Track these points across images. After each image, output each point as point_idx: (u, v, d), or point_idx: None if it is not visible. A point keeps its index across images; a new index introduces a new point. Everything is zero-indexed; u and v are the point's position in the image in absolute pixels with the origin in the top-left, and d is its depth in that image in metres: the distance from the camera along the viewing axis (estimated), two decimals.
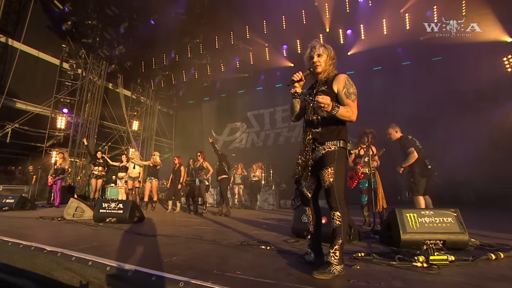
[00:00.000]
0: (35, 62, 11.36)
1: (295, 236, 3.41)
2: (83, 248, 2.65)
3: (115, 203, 4.44)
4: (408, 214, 2.74)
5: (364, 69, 11.14)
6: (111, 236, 3.36)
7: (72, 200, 4.84)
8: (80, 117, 12.21)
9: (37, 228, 4.06)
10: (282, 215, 6.77)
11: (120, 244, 2.92)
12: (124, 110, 14.11)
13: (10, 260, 2.78)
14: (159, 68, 14.02)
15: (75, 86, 12.17)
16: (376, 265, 2.14)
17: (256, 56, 12.43)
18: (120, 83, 14.16)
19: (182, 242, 3.09)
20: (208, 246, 2.85)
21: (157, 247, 2.78)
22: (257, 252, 2.61)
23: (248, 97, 14.49)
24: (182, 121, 16.88)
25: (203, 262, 2.25)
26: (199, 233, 3.70)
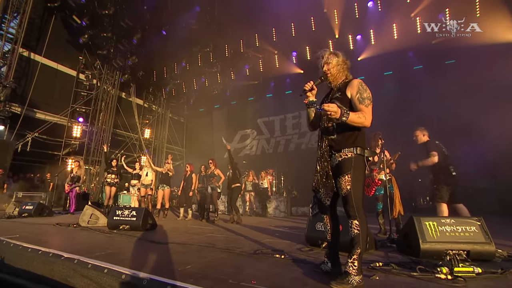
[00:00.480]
0: (54, 74, 11.87)
1: (309, 245, 3.34)
2: (98, 255, 2.69)
3: (128, 211, 4.49)
4: (427, 223, 2.64)
5: (374, 74, 11.01)
6: (125, 244, 3.40)
7: (87, 207, 4.94)
8: (94, 125, 12.59)
9: (55, 234, 4.16)
10: (294, 222, 6.68)
11: (134, 252, 2.94)
12: (137, 119, 14.45)
13: (29, 266, 2.85)
14: (170, 77, 14.34)
15: (90, 96, 12.60)
16: (396, 275, 2.06)
17: (266, 63, 12.53)
18: (132, 92, 14.56)
19: (195, 250, 3.08)
20: (222, 255, 2.83)
21: (171, 255, 2.78)
22: (271, 261, 2.57)
23: (258, 104, 14.57)
24: (193, 128, 17.11)
25: (217, 271, 2.23)
26: (212, 241, 3.69)
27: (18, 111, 10.22)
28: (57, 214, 7.27)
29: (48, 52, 11.31)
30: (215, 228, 5.23)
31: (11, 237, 3.64)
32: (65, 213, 7.71)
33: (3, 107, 9.39)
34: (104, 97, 13.11)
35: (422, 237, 2.56)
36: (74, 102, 12.27)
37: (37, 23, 11.25)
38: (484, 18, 7.62)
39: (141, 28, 12.00)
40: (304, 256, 2.81)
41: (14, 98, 10.11)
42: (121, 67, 13.36)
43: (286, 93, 13.63)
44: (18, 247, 3.11)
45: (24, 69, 10.75)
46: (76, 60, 12.63)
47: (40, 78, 10.92)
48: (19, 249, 3.07)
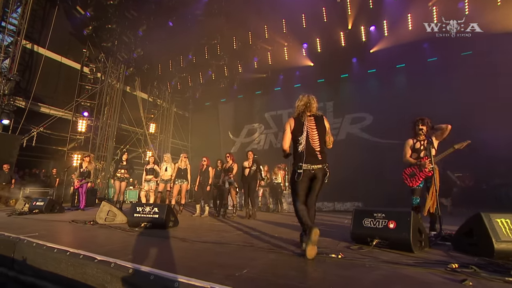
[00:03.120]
0: (58, 67, 11.41)
1: (355, 243, 3.07)
2: (133, 258, 2.40)
3: (149, 207, 4.17)
4: (499, 220, 2.38)
5: (387, 66, 10.74)
6: (157, 244, 3.11)
7: (104, 204, 4.65)
8: (99, 120, 12.20)
9: (74, 232, 3.86)
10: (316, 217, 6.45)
11: (174, 254, 2.65)
12: (142, 113, 14.06)
13: (57, 269, 2.56)
14: (176, 70, 13.92)
15: (94, 90, 12.17)
16: (489, 280, 1.80)
17: (275, 56, 12.16)
18: (137, 86, 14.13)
19: (236, 250, 2.81)
20: (270, 255, 2.56)
21: (216, 257, 2.50)
22: (331, 262, 2.30)
23: (266, 97, 14.23)
24: (198, 123, 16.75)
25: (282, 277, 1.95)
26: (246, 239, 3.42)
27: (23, 105, 9.80)
28: (67, 210, 6.98)
29: (51, 45, 10.84)
30: (238, 225, 4.95)
31: (30, 235, 3.35)
32: (75, 209, 7.41)
33: (8, 101, 8.98)
34: (108, 91, 12.69)
35: (495, 236, 2.30)
36: (78, 96, 11.85)
37: (40, 14, 10.74)
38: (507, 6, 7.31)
39: (146, 20, 11.52)
40: (360, 255, 2.55)
41: (18, 92, 9.69)
42: (125, 60, 12.91)
43: (295, 86, 13.26)
44: (42, 247, 2.82)
45: (27, 62, 10.29)
46: (80, 52, 12.16)
47: (44, 71, 10.48)
48: (43, 250, 2.77)
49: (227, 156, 6.45)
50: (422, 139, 3.89)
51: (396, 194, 9.15)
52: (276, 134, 13.97)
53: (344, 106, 11.93)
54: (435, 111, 9.55)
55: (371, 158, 10.16)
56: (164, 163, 6.79)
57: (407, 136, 9.69)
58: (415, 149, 3.97)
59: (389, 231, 2.85)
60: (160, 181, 6.74)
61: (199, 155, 12.76)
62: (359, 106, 11.47)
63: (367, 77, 11.33)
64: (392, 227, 2.88)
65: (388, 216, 2.94)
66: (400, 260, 2.34)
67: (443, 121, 9.42)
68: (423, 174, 3.81)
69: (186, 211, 8.12)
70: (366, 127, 11.26)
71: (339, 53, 11.03)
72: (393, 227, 2.87)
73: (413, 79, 10.08)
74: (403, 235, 2.75)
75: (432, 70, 9.44)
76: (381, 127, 10.78)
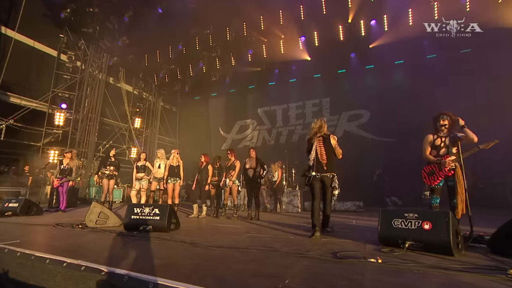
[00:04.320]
0: (30, 53, 10.49)
1: (383, 244, 2.90)
2: (148, 268, 2.07)
3: (149, 208, 3.81)
4: None
5: (385, 63, 10.80)
6: (168, 250, 2.79)
7: (95, 205, 4.22)
8: (79, 113, 11.40)
9: (64, 238, 3.42)
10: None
11: (192, 262, 2.33)
12: (126, 107, 13.33)
13: (51, 283, 2.18)
14: (164, 61, 13.30)
15: (74, 80, 11.34)
16: None
17: (270, 48, 11.88)
18: (121, 77, 13.37)
19: (260, 255, 2.55)
20: (303, 261, 2.32)
21: (244, 265, 2.22)
22: (376, 268, 2.12)
23: (259, 92, 13.96)
24: (187, 118, 16.19)
25: (328, 285, 1.72)
26: (263, 243, 3.16)
27: None
28: (45, 212, 6.36)
29: (22, 27, 9.89)
30: (244, 227, 4.69)
31: (10, 243, 2.90)
32: (54, 210, 6.80)
33: None
34: (90, 82, 11.88)
35: None
36: (55, 86, 10.97)
37: None
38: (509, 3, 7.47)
39: (133, 5, 10.85)
40: (398, 259, 2.38)
41: None
42: (109, 48, 12.13)
43: (290, 81, 13.12)
44: (28, 257, 2.41)
45: None
46: (56, 38, 11.24)
47: (13, 56, 9.56)
48: (32, 260, 2.37)
49: (229, 153, 6.13)
50: (444, 135, 3.78)
51: (396, 194, 9.28)
52: (270, 131, 13.76)
53: (341, 102, 11.91)
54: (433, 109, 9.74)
55: (370, 156, 10.20)
56: (157, 160, 6.41)
57: (405, 134, 9.73)
58: (435, 145, 3.84)
59: (424, 233, 2.72)
60: (153, 179, 6.35)
61: (187, 152, 12.35)
62: (357, 103, 11.48)
63: (365, 73, 11.36)
64: (428, 228, 2.74)
65: (421, 216, 2.81)
66: (447, 265, 2.20)
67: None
68: (442, 173, 3.69)
69: (180, 211, 7.72)
70: (364, 125, 11.30)
71: (337, 47, 10.94)
72: (428, 228, 2.74)
73: (412, 76, 10.20)
74: (441, 237, 2.62)
75: (432, 67, 9.58)
76: (379, 124, 10.85)
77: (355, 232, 4.13)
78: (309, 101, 12.76)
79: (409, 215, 2.87)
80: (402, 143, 9.96)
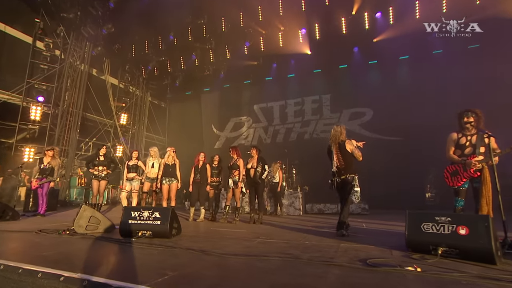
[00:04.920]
0: (1, 38, 9.84)
1: (411, 250, 2.71)
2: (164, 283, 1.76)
3: (148, 212, 3.46)
4: None
5: (389, 58, 10.73)
6: (178, 259, 2.47)
7: (85, 208, 3.77)
8: (59, 107, 10.80)
9: (52, 246, 2.96)
10: (324, 220, 6.14)
11: (213, 274, 2.00)
12: (111, 101, 12.76)
13: None
14: (153, 52, 12.78)
15: (53, 70, 10.70)
16: None
17: (268, 41, 11.59)
18: (106, 69, 12.77)
19: (283, 264, 2.27)
20: (333, 270, 2.09)
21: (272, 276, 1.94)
22: (417, 278, 1.95)
23: (256, 88, 13.64)
24: (177, 115, 15.69)
25: None
26: (280, 249, 2.88)
27: None
28: (22, 217, 5.81)
29: None
30: (251, 231, 4.37)
31: None
32: (32, 215, 6.28)
33: None
34: (70, 73, 11.26)
35: None
36: (30, 77, 10.30)
37: None
38: None
39: None
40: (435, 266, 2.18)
41: None
42: (92, 36, 11.54)
43: (288, 76, 12.89)
44: (15, 270, 2.02)
45: None
46: (32, 23, 10.53)
47: None
48: (19, 274, 1.99)
49: (231, 151, 5.85)
50: (469, 134, 3.63)
51: (400, 195, 9.22)
52: (266, 129, 13.50)
53: (342, 99, 11.77)
54: (439, 107, 9.81)
55: (372, 157, 10.07)
56: (151, 159, 6.02)
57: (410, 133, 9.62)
58: (459, 144, 3.65)
59: (459, 238, 2.53)
60: (146, 180, 5.96)
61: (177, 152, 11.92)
62: (359, 101, 11.35)
63: (367, 69, 11.25)
64: (464, 233, 2.55)
65: (455, 220, 2.62)
66: (495, 275, 2.01)
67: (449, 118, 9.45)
68: (467, 174, 3.54)
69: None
70: (366, 123, 11.21)
71: (339, 41, 10.76)
72: (465, 234, 2.54)
73: (418, 73, 10.15)
74: (480, 244, 2.42)
75: (438, 63, 9.56)
76: (382, 123, 10.78)
77: (371, 236, 3.95)
78: (308, 98, 12.57)
79: (441, 219, 2.69)
80: (407, 142, 9.96)
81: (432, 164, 9.70)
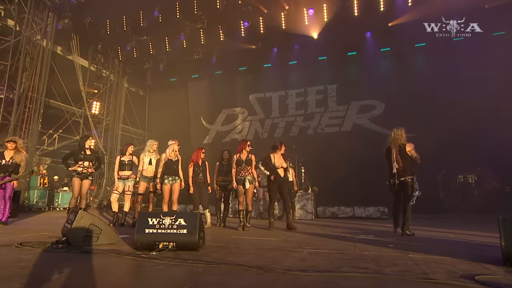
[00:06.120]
0: None
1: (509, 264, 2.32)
2: None
3: (170, 218, 2.91)
4: None
5: (404, 45, 10.30)
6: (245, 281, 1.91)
7: (82, 214, 3.06)
8: (15, 91, 9.26)
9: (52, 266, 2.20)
10: (347, 225, 5.67)
11: None
12: (81, 86, 11.29)
13: None
14: (133, 30, 11.45)
15: (5, 45, 9.13)
16: None
17: (269, 22, 10.70)
18: (74, 47, 11.24)
19: (378, 284, 1.86)
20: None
21: None
22: None
23: (252, 75, 12.73)
24: (159, 105, 14.39)
25: None
26: (347, 263, 2.46)
27: None
28: None
29: None
30: (284, 240, 3.89)
31: None
32: None
33: None
34: (29, 50, 9.67)
35: None
36: None
37: None
38: None
39: None
40: None
41: None
42: (56, 6, 10.01)
43: (289, 63, 12.14)
44: None
45: None
46: None
47: None
48: None
49: (243, 144, 5.10)
50: None
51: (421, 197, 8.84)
52: (263, 122, 12.69)
53: (350, 90, 11.20)
54: (459, 100, 9.52)
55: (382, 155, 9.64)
56: (147, 154, 5.27)
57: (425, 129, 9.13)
58: None
59: None
60: (142, 179, 5.18)
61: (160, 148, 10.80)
62: (369, 92, 10.83)
63: (379, 57, 10.72)
64: None
65: None
66: None
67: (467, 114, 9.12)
68: None
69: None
70: (377, 117, 10.74)
71: (350, 25, 10.18)
72: None
73: (435, 62, 9.80)
74: None
75: (458, 51, 9.22)
76: (394, 117, 10.32)
77: (429, 244, 3.59)
78: (312, 88, 11.89)
79: None
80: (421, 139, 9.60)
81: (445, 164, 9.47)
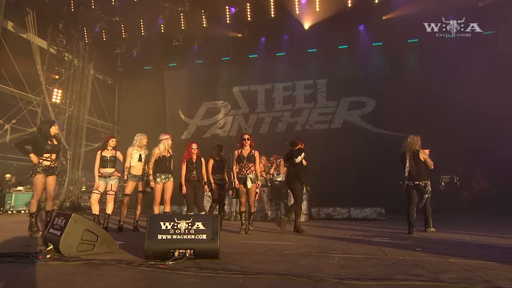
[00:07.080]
0: None
1: None
2: None
3: (186, 221, 2.69)
4: None
5: (396, 40, 10.41)
6: None
7: (76, 218, 2.78)
8: None
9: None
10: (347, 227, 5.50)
11: None
12: (39, 70, 10.11)
13: None
14: (103, 10, 10.46)
15: None
16: None
17: (258, 8, 10.26)
18: (30, 24, 10.02)
19: None
20: None
21: None
22: None
23: (237, 66, 12.21)
24: (131, 95, 13.36)
25: None
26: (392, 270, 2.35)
27: None
28: None
29: None
30: (302, 244, 3.72)
31: None
32: None
33: None
34: None
35: None
36: None
37: None
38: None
39: None
40: None
41: None
42: None
43: (277, 54, 11.82)
44: None
45: None
46: None
47: None
48: None
49: (244, 139, 4.71)
50: None
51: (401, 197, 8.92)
52: (247, 116, 12.27)
53: (341, 86, 11.10)
54: (451, 98, 9.74)
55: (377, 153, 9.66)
56: (135, 149, 4.88)
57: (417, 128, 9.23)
58: None
59: None
60: (130, 178, 4.82)
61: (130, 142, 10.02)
62: (360, 88, 10.81)
63: (371, 52, 10.75)
64: None
65: None
66: None
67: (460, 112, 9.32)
68: None
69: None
70: (368, 115, 10.76)
71: (342, 16, 10.04)
72: None
73: (427, 58, 9.98)
74: None
75: (452, 48, 9.41)
76: (385, 115, 10.46)
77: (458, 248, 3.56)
78: (301, 82, 11.66)
79: None
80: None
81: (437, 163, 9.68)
